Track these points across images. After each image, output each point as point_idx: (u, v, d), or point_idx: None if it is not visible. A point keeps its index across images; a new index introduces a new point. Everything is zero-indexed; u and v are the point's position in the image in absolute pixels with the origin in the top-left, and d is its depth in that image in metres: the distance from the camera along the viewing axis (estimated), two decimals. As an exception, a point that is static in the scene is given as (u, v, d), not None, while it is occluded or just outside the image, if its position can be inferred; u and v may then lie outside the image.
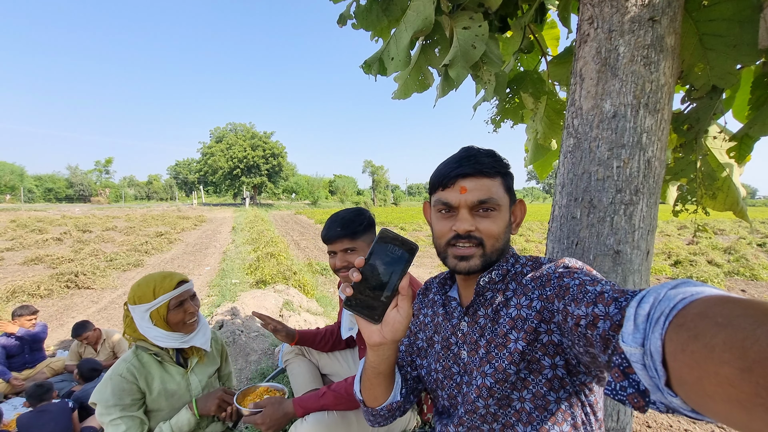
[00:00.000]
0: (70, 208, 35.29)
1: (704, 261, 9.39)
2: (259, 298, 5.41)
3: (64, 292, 6.87)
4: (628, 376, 0.53)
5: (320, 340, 1.88)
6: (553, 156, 2.56)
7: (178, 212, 31.92)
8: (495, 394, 0.84)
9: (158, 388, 1.41)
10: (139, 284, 1.42)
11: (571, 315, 0.68)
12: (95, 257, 9.94)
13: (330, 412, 1.36)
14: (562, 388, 0.80)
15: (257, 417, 1.29)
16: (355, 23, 1.97)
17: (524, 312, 0.81)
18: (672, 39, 1.21)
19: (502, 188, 0.87)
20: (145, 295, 1.38)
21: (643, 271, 1.26)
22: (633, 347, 0.49)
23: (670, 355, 0.44)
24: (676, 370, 0.43)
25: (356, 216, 1.49)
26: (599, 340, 0.61)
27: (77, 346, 3.66)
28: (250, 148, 52.47)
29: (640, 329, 0.49)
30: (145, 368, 1.41)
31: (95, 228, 16.94)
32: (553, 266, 0.82)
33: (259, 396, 1.46)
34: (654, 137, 1.21)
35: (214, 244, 13.67)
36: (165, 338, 1.41)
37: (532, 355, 0.79)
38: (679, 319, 0.44)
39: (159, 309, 1.39)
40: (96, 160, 78.05)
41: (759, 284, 7.61)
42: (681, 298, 0.46)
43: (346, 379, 1.41)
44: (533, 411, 0.82)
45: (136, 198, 77.43)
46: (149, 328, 1.39)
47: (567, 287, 0.72)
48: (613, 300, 0.61)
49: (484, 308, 0.89)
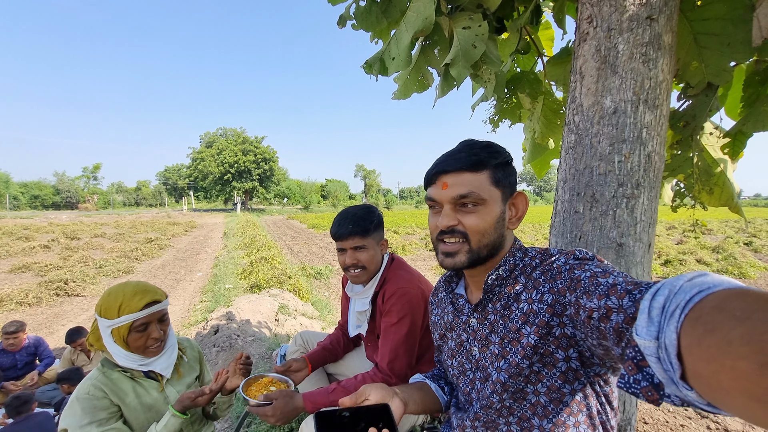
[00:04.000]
0: (57, 215, 34.61)
1: (693, 260, 9.54)
2: (255, 303, 5.37)
3: (53, 300, 6.72)
4: (642, 369, 0.52)
5: (330, 354, 1.79)
6: (550, 155, 2.60)
7: (168, 218, 31.52)
8: (509, 388, 0.84)
9: (133, 402, 1.30)
10: (109, 294, 1.29)
11: (583, 308, 0.68)
12: (84, 264, 9.76)
13: None
14: (576, 379, 0.79)
15: (267, 409, 1.27)
16: (354, 24, 1.99)
17: (536, 306, 0.80)
18: (669, 37, 1.24)
19: (488, 182, 0.85)
20: (110, 310, 1.25)
21: (645, 263, 1.29)
22: (647, 340, 0.48)
23: (686, 348, 0.43)
24: (691, 363, 0.42)
25: (367, 213, 1.49)
26: (612, 332, 0.61)
27: (70, 353, 3.58)
28: (241, 152, 52.18)
29: (655, 322, 0.49)
30: (115, 384, 1.29)
31: (83, 235, 16.64)
32: (563, 258, 0.81)
33: (264, 387, 1.44)
34: (654, 132, 1.23)
35: (205, 250, 13.52)
36: (124, 357, 1.28)
37: (545, 348, 0.79)
38: (695, 312, 0.44)
39: (120, 329, 1.26)
40: (83, 166, 77.00)
41: (746, 282, 7.76)
42: (697, 290, 0.45)
43: (356, 376, 1.41)
44: (549, 404, 0.81)
45: (125, 204, 76.31)
46: (110, 344, 1.27)
47: (578, 279, 0.72)
48: (626, 292, 0.61)
49: (493, 304, 0.89)
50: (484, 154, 0.86)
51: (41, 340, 3.78)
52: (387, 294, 1.44)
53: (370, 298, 1.53)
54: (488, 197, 0.84)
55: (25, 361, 3.63)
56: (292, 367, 1.60)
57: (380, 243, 1.53)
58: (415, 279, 1.50)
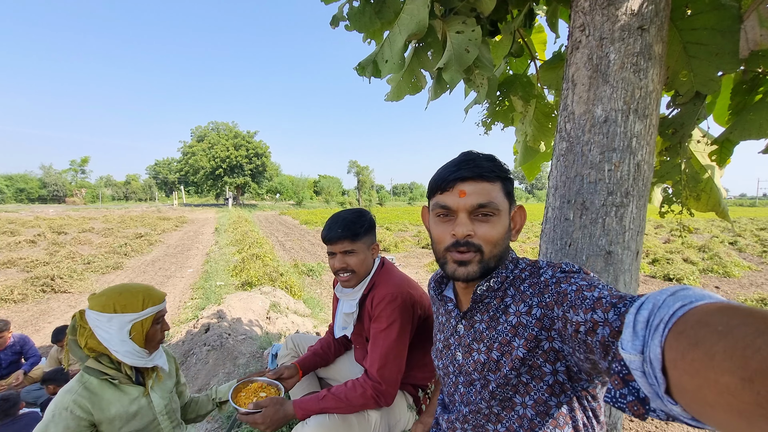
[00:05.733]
0: (44, 209, 34.03)
1: (680, 259, 9.72)
2: (246, 301, 5.35)
3: (39, 297, 6.63)
4: (628, 383, 0.53)
5: (321, 359, 1.79)
6: (541, 158, 2.62)
7: (158, 213, 31.17)
8: (497, 396, 0.85)
9: (116, 413, 1.28)
10: (120, 293, 1.29)
11: (570, 321, 0.68)
12: (72, 260, 9.62)
13: (331, 415, 1.36)
14: (563, 392, 0.80)
15: (257, 416, 1.27)
16: (348, 25, 1.97)
17: (524, 319, 0.81)
18: (659, 47, 1.25)
19: (501, 193, 0.86)
20: (132, 304, 1.27)
21: (633, 270, 1.30)
22: (632, 354, 0.49)
23: (670, 362, 0.43)
24: (675, 377, 0.43)
25: (357, 217, 1.48)
26: (599, 346, 0.61)
27: (57, 352, 3.53)
28: (233, 147, 51.59)
29: (639, 336, 0.49)
30: (97, 396, 1.25)
31: (71, 230, 16.38)
32: (550, 271, 0.82)
33: (254, 393, 1.44)
34: (643, 141, 1.25)
35: (196, 246, 13.41)
36: (133, 355, 1.29)
37: (533, 361, 0.79)
38: (679, 326, 0.44)
39: (144, 321, 1.29)
40: (71, 160, 75.09)
41: (731, 281, 7.94)
42: (680, 305, 0.46)
43: (345, 383, 1.41)
44: (535, 417, 0.82)
45: (114, 198, 75.10)
46: (123, 342, 1.26)
47: (565, 293, 0.73)
48: (611, 306, 0.61)
49: (481, 314, 0.90)
50: (496, 166, 0.87)
51: (27, 339, 3.72)
52: (376, 299, 1.44)
53: (358, 300, 1.53)
54: (502, 208, 0.86)
55: (10, 360, 3.57)
56: (283, 375, 1.60)
57: (371, 247, 1.53)
58: (404, 284, 1.51)
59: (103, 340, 1.25)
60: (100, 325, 1.25)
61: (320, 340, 1.85)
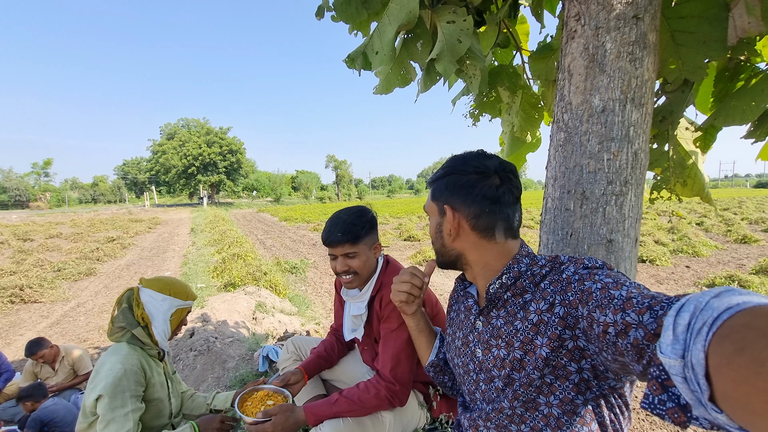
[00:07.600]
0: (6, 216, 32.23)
1: (652, 241, 10.11)
2: (230, 302, 5.22)
3: (8, 308, 6.27)
4: (668, 389, 0.50)
5: (325, 362, 1.76)
6: (527, 148, 2.64)
7: (129, 215, 30.03)
8: (520, 396, 0.84)
9: (155, 379, 1.48)
10: (173, 282, 1.53)
11: (597, 321, 0.66)
12: (41, 268, 9.14)
13: (345, 419, 1.33)
14: (588, 389, 0.79)
15: (267, 425, 1.23)
16: (334, 16, 1.91)
17: (546, 317, 0.79)
18: (653, 36, 1.26)
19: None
20: (181, 293, 1.52)
21: (633, 257, 1.33)
22: (672, 359, 0.47)
23: (714, 368, 0.41)
24: (720, 384, 0.41)
25: (357, 218, 1.44)
26: (631, 348, 0.59)
27: (32, 366, 3.36)
28: (205, 144, 50.17)
29: (680, 340, 0.47)
30: (147, 363, 1.47)
31: (37, 236, 15.58)
32: (572, 267, 0.80)
33: (261, 401, 1.39)
34: (640, 130, 1.26)
35: (172, 248, 13.00)
36: (164, 335, 1.50)
37: (558, 360, 0.78)
38: (724, 329, 0.42)
39: (182, 310, 1.53)
40: (33, 162, 71.40)
41: (700, 260, 8.32)
42: (725, 307, 0.44)
43: (357, 385, 1.39)
44: (562, 416, 0.81)
45: (81, 201, 71.95)
46: (165, 321, 1.48)
47: (589, 291, 0.70)
48: (647, 308, 0.59)
49: (498, 310, 0.90)
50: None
51: None
52: (385, 299, 1.42)
53: (367, 302, 1.50)
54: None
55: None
56: (290, 381, 1.57)
57: (373, 247, 1.49)
58: None
59: (151, 316, 1.46)
60: (153, 303, 1.47)
61: (323, 342, 1.81)
